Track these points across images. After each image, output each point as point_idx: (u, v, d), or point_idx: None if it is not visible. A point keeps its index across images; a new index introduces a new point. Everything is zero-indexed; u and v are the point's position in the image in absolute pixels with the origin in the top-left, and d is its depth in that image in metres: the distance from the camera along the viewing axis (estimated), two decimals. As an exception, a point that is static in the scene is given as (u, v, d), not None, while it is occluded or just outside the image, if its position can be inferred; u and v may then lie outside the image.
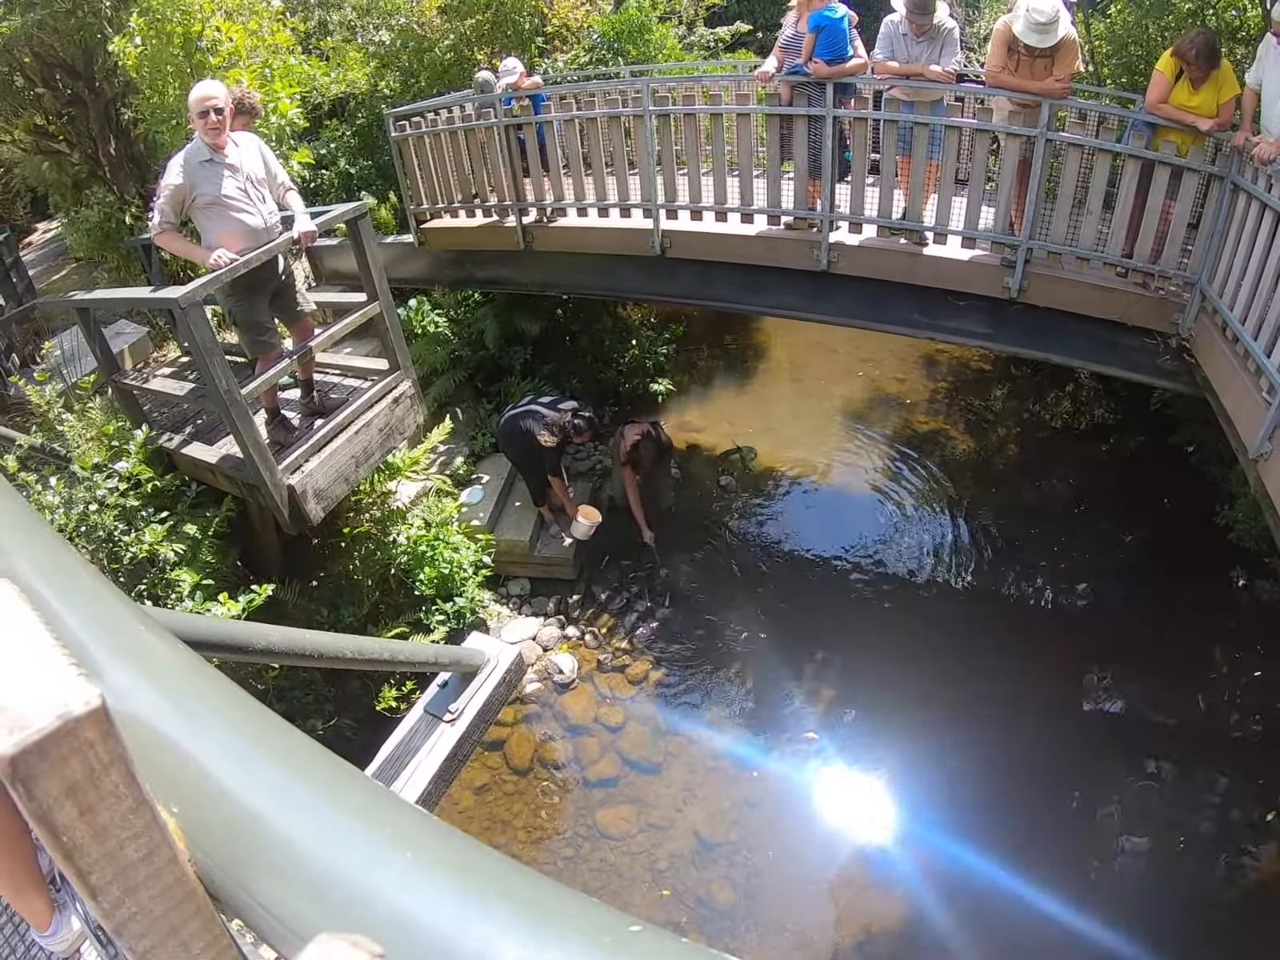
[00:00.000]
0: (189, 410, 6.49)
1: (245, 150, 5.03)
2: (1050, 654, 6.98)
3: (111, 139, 9.75)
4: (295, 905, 0.92)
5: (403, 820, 1.04)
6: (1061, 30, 5.43)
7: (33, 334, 8.99)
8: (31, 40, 8.67)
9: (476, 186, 7.98)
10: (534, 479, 7.99)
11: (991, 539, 8.42)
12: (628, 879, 5.85)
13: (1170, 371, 5.79)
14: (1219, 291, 5.10)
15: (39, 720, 0.78)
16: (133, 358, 8.12)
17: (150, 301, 6.64)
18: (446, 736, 4.22)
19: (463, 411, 8.98)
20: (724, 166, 6.70)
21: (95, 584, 1.62)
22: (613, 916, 0.83)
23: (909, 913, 5.58)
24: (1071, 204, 5.62)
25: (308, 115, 8.67)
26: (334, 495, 5.72)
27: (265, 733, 1.24)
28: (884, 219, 6.26)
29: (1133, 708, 6.67)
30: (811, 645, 7.36)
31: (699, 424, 10.29)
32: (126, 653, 1.37)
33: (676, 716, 6.91)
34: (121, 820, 0.85)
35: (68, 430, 5.55)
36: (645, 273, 7.62)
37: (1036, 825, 5.89)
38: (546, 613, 7.90)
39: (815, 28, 6.11)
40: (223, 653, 3.06)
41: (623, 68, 10.01)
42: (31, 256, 12.82)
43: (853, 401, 10.56)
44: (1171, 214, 5.32)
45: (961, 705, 6.63)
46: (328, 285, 9.61)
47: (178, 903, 0.92)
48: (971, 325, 6.42)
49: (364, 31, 11.18)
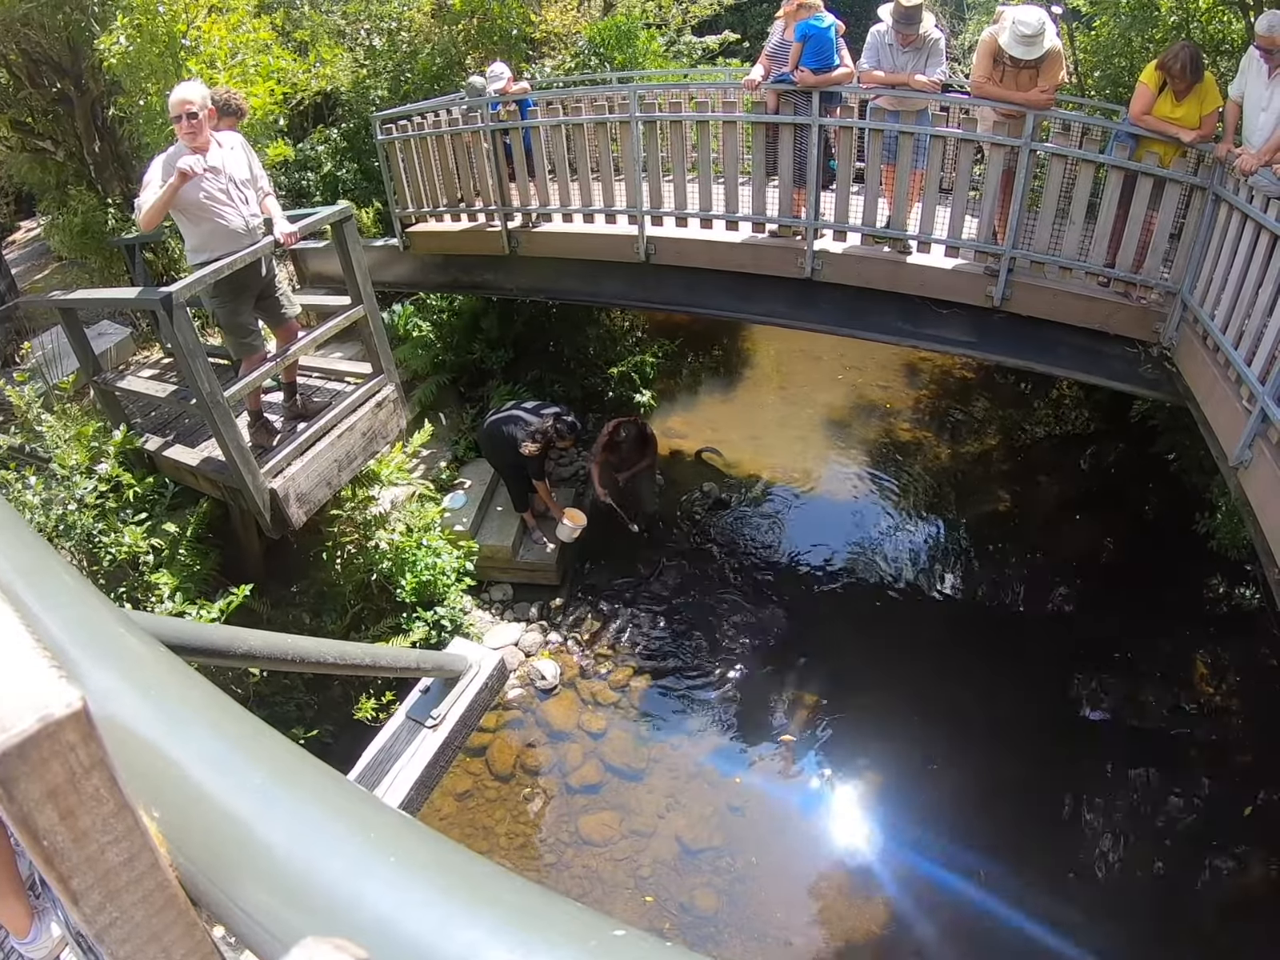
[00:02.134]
0: (171, 412, 6.46)
1: (228, 151, 5.00)
2: (1031, 660, 7.03)
3: (97, 138, 9.68)
4: (278, 910, 0.91)
5: (386, 824, 1.03)
6: (1047, 42, 5.48)
7: (14, 333, 8.92)
8: (18, 36, 8.60)
9: (463, 190, 7.97)
10: (516, 485, 7.95)
11: (973, 546, 8.48)
12: (610, 885, 5.83)
13: (1152, 380, 5.85)
14: (1201, 301, 5.15)
15: (19, 722, 0.77)
16: (116, 358, 8.06)
17: (134, 302, 6.60)
18: (429, 742, 4.20)
19: (446, 416, 8.96)
20: (710, 173, 6.71)
21: (76, 586, 1.60)
22: (598, 921, 0.83)
23: (891, 918, 5.59)
24: (1055, 213, 5.67)
25: (289, 113, 8.64)
26: (316, 499, 5.69)
27: (247, 736, 1.23)
28: (868, 227, 6.30)
29: (1115, 713, 6.72)
30: (794, 651, 7.38)
31: (683, 430, 10.30)
32: (108, 655, 1.36)
33: (659, 723, 6.91)
34: (103, 824, 0.84)
35: (47, 431, 5.50)
36: (631, 279, 7.62)
37: (1019, 831, 5.93)
38: (529, 618, 7.88)
39: (802, 36, 6.14)
40: (204, 657, 3.04)
41: (610, 74, 10.03)
42: (14, 255, 12.72)
43: (836, 409, 10.59)
44: (1154, 224, 5.38)
45: (944, 711, 6.65)
46: (312, 288, 9.57)
47: (159, 908, 0.91)
48: (955, 333, 6.46)
49: (354, 36, 11.17)
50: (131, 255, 7.75)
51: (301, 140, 10.40)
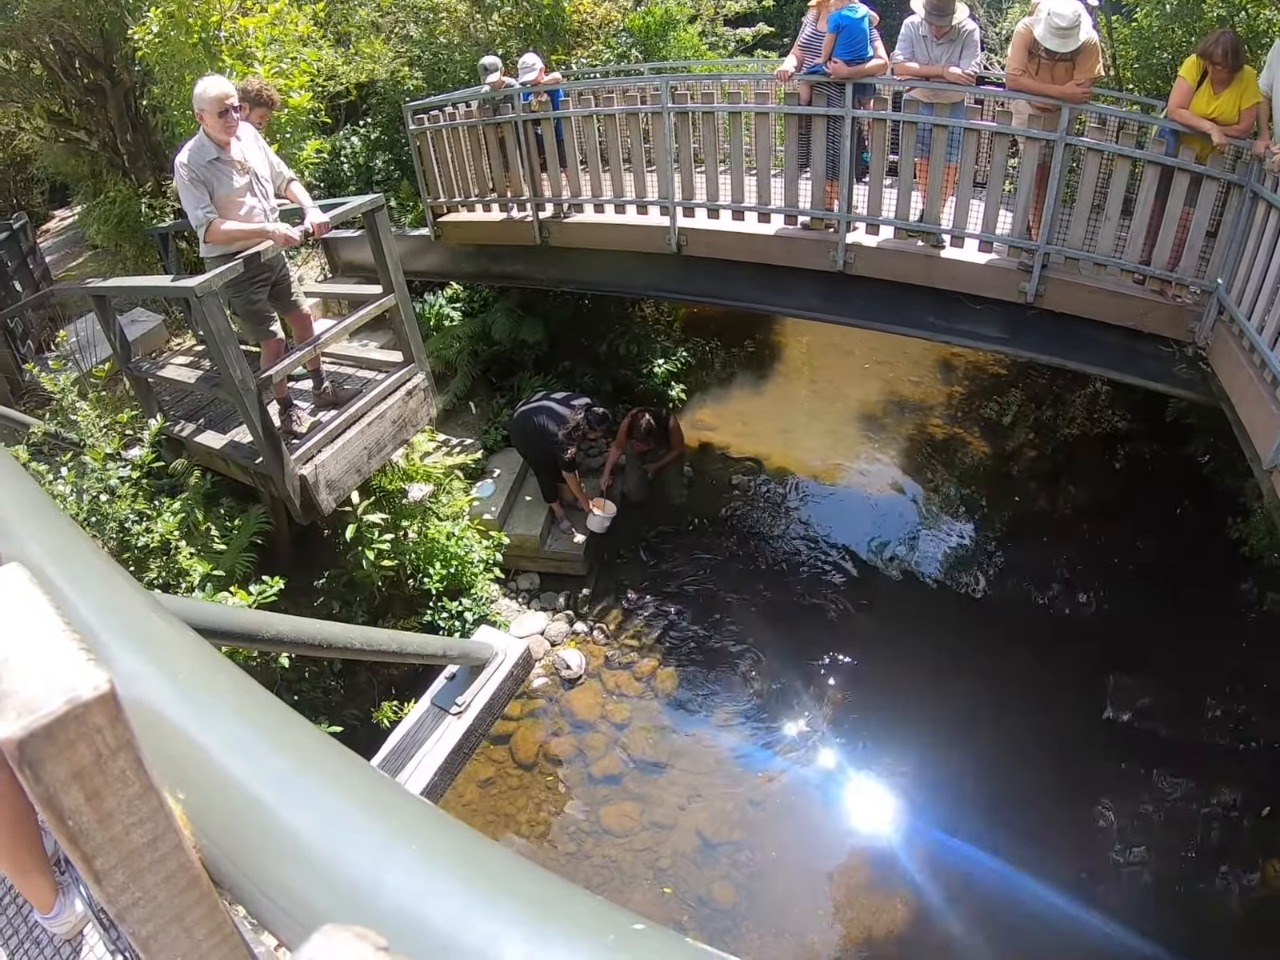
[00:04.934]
0: (202, 399, 6.52)
1: (247, 145, 5.03)
2: (1060, 661, 6.95)
3: (130, 128, 9.78)
4: (299, 894, 0.92)
5: (408, 811, 1.04)
6: (1083, 35, 5.39)
7: (48, 320, 9.03)
8: (51, 28, 8.69)
9: (494, 181, 7.98)
10: (546, 475, 7.99)
11: (1003, 544, 8.40)
12: (629, 876, 5.85)
13: (1186, 380, 5.75)
14: (1236, 300, 5.05)
15: (47, 704, 0.78)
16: (147, 346, 8.14)
17: (166, 290, 6.67)
18: (453, 729, 4.24)
19: (476, 405, 8.99)
20: (742, 165, 6.68)
21: (106, 570, 1.62)
22: (617, 914, 0.83)
23: (912, 916, 5.57)
24: (1090, 209, 5.59)
25: (329, 107, 8.67)
26: (346, 486, 5.73)
27: (273, 722, 1.24)
28: (901, 221, 6.24)
29: (1142, 716, 6.64)
30: (820, 646, 7.35)
31: (713, 423, 10.27)
32: (136, 639, 1.37)
33: (683, 715, 6.91)
34: (128, 805, 0.85)
35: (80, 418, 5.57)
36: (662, 271, 7.61)
37: (1042, 831, 5.87)
38: (555, 608, 7.90)
39: (835, 27, 6.09)
40: (232, 640, 3.07)
41: (643, 65, 9.99)
42: (49, 244, 12.90)
43: (868, 404, 10.52)
44: (1190, 221, 5.28)
45: (969, 710, 6.61)
46: (344, 277, 9.62)
47: (182, 889, 0.92)
48: (987, 329, 6.39)
49: (388, 29, 11.20)
50: (165, 244, 7.82)
51: (337, 131, 10.46)
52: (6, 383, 7.71)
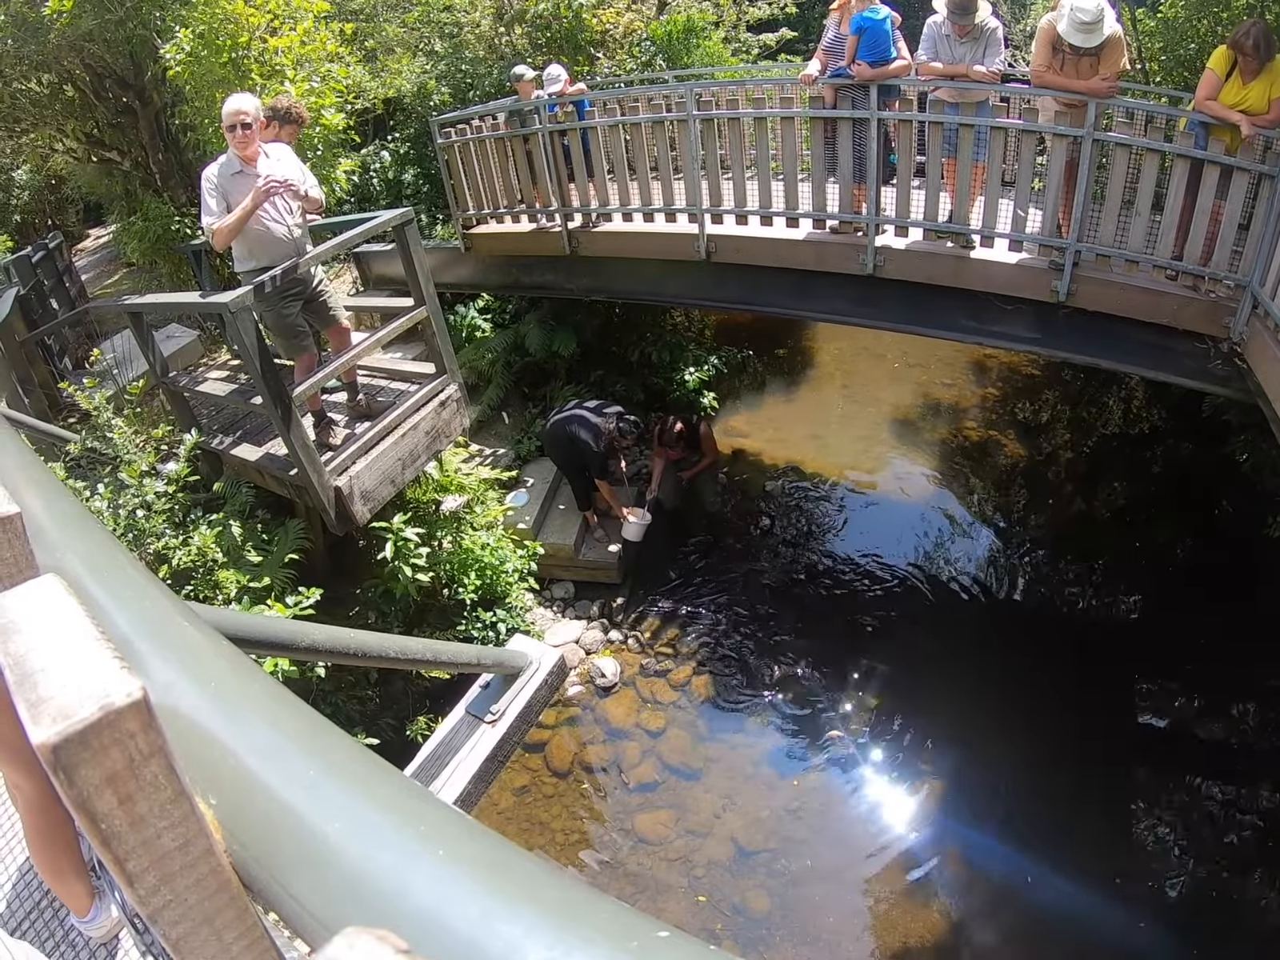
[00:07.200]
0: (238, 413, 6.61)
1: (276, 162, 5.08)
2: (1098, 665, 6.85)
3: (161, 147, 9.96)
4: (326, 899, 0.93)
5: (435, 818, 1.05)
6: (1107, 29, 5.34)
7: (84, 337, 9.20)
8: (82, 51, 8.87)
9: (522, 192, 8.03)
10: (579, 483, 8.03)
11: (1039, 548, 8.32)
12: (664, 884, 5.83)
13: (1222, 377, 5.65)
14: (1271, 294, 4.95)
15: (82, 710, 0.80)
16: (183, 361, 8.27)
17: (201, 306, 6.77)
18: (487, 737, 4.25)
19: (509, 415, 9.05)
20: (768, 170, 6.68)
21: (142, 581, 1.65)
22: (641, 921, 0.83)
23: (948, 926, 5.50)
24: (1120, 205, 5.52)
25: (357, 123, 8.77)
26: (380, 497, 5.78)
27: (303, 729, 1.26)
28: (930, 222, 6.20)
29: (1179, 720, 6.54)
30: (856, 653, 7.29)
31: (745, 429, 10.27)
32: (170, 648, 1.40)
33: (718, 722, 6.89)
34: (160, 810, 0.86)
35: (116, 435, 5.66)
36: (692, 278, 7.61)
37: (1080, 839, 5.79)
38: (590, 616, 7.92)
39: (858, 30, 6.08)
40: (267, 650, 3.11)
41: (666, 73, 10.03)
42: (84, 262, 13.16)
43: (901, 408, 10.47)
44: (1221, 215, 5.19)
45: (1006, 716, 6.52)
46: (375, 290, 9.73)
47: (212, 892, 0.93)
48: (1019, 330, 6.33)
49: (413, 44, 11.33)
50: (198, 260, 7.95)
51: (366, 146, 10.59)
52: (45, 398, 7.85)
